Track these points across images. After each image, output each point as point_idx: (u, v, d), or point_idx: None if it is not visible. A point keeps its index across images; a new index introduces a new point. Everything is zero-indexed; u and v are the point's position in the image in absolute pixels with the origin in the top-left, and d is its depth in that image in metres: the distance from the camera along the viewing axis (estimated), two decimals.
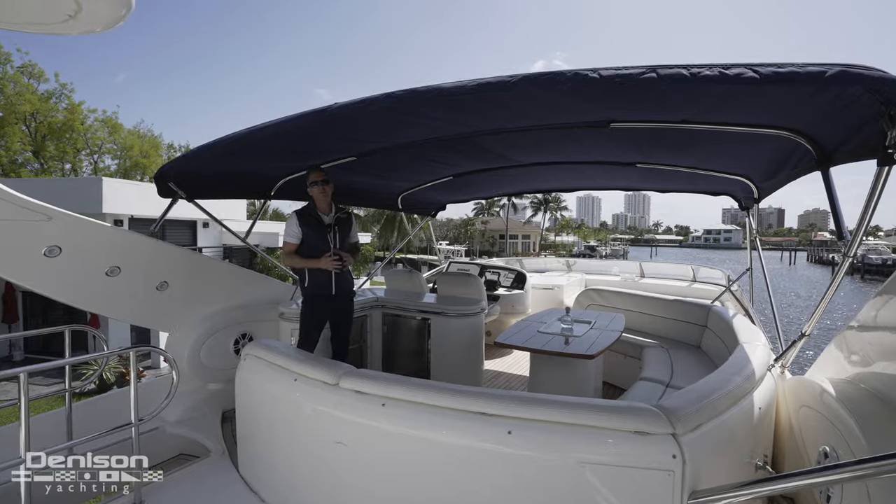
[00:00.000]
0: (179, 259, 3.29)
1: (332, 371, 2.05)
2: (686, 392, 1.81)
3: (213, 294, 3.60)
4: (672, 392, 2.78)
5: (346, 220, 3.43)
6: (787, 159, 2.42)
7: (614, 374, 4.14)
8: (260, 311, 3.87)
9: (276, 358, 2.34)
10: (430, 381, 1.90)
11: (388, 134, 2.75)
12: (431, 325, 3.97)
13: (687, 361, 3.45)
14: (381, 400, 1.84)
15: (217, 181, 3.38)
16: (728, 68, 1.29)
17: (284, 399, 2.22)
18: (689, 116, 2.08)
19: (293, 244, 3.27)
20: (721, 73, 1.28)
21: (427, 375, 4.01)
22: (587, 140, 2.93)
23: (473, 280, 4.40)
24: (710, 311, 3.81)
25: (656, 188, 4.53)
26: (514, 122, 2.43)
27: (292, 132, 2.37)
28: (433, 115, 2.24)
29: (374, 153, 3.27)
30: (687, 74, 1.31)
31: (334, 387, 2.00)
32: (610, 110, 2.10)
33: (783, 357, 2.45)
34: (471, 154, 3.55)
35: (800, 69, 1.24)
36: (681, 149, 2.97)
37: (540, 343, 3.03)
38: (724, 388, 1.84)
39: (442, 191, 5.15)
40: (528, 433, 1.58)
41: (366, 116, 2.16)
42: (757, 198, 3.50)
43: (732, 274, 5.84)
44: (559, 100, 1.88)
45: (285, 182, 3.84)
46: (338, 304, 3.40)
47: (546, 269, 8.24)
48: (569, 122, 2.44)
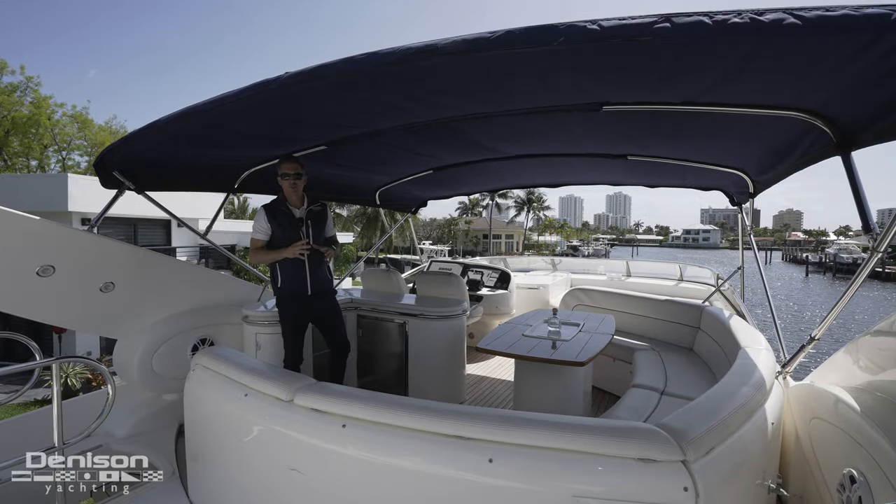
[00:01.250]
0: (127, 257, 2.95)
1: (287, 385, 1.77)
2: (693, 408, 1.58)
3: (167, 295, 3.27)
4: (668, 401, 2.58)
5: (321, 213, 3.17)
6: (795, 147, 2.22)
7: (604, 379, 3.94)
8: (222, 313, 3.55)
9: (227, 369, 2.05)
10: (397, 397, 1.64)
11: (358, 117, 2.48)
12: (409, 328, 3.70)
13: (680, 365, 3.26)
14: (340, 420, 1.57)
15: (169, 170, 3.04)
16: (761, 14, 1.05)
17: (235, 416, 1.94)
18: (694, 95, 1.86)
19: (261, 241, 3.01)
20: (753, 19, 1.05)
21: (405, 382, 3.74)
22: (576, 127, 2.70)
23: (454, 279, 4.15)
24: (703, 312, 3.63)
25: (645, 183, 4.35)
26: (496, 101, 2.18)
27: (236, 113, 2.08)
28: (402, 88, 1.98)
29: (345, 141, 2.99)
30: (709, 22, 1.07)
31: (288, 403, 1.72)
32: (605, 86, 1.87)
33: (790, 363, 2.26)
34: (451, 145, 3.30)
35: (855, 12, 1.01)
36: (675, 138, 2.77)
37: (525, 348, 2.79)
38: (736, 401, 1.62)
39: (422, 186, 4.88)
40: (513, 460, 1.33)
41: (323, 90, 1.89)
42: (752, 192, 3.33)
43: (722, 273, 5.72)
44: (548, 68, 1.64)
45: (251, 174, 3.52)
46: (316, 305, 3.14)
47: (531, 269, 8.04)
48: (557, 103, 2.20)
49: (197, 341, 3.37)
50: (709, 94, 1.84)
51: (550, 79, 1.79)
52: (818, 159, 2.14)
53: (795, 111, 1.81)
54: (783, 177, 2.79)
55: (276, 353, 3.40)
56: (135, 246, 3.03)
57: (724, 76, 1.63)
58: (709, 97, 1.88)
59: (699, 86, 1.78)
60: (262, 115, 2.24)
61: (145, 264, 3.09)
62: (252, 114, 2.18)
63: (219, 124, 2.30)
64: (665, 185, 4.36)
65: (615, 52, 1.42)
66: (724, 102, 1.91)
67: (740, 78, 1.63)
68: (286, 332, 3.14)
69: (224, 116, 2.15)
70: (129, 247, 3.00)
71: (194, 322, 3.36)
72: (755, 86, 1.72)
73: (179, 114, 1.94)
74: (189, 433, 2.28)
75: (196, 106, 1.89)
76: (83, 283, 2.71)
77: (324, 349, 3.54)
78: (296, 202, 3.07)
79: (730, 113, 1.98)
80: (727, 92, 1.81)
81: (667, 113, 2.20)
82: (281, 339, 3.38)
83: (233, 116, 2.19)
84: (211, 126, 2.29)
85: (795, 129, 1.99)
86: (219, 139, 2.58)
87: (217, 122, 2.22)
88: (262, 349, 3.39)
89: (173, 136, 2.32)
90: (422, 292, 4.40)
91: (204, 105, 1.86)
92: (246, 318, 3.42)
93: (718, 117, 2.15)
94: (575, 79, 1.77)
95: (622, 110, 2.18)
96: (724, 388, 1.79)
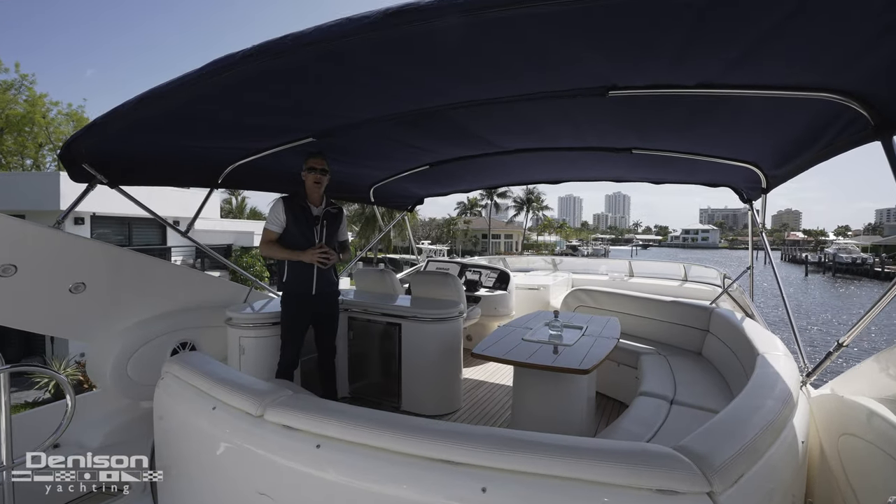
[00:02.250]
0: (100, 256, 2.76)
1: (258, 398, 1.58)
2: (716, 427, 1.40)
3: (145, 297, 3.08)
4: (678, 411, 2.39)
5: (337, 215, 3.13)
6: (820, 134, 2.04)
7: (607, 384, 3.75)
8: (205, 316, 3.36)
9: (196, 378, 1.86)
10: (379, 413, 1.45)
11: (344, 103, 2.29)
12: (402, 331, 3.51)
13: (688, 371, 3.07)
14: (314, 439, 1.39)
15: (144, 163, 2.85)
16: None
17: (203, 431, 1.75)
18: (712, 76, 1.68)
19: (275, 233, 2.94)
20: None
21: (398, 388, 3.56)
22: (579, 115, 2.52)
23: (451, 280, 3.96)
24: (713, 314, 3.44)
25: (650, 179, 4.17)
26: (493, 84, 1.99)
27: (206, 98, 1.89)
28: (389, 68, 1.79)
29: (333, 132, 2.80)
30: None
31: (258, 419, 1.54)
32: (612, 66, 1.68)
33: (814, 371, 2.08)
34: (448, 137, 3.12)
35: None
36: (685, 129, 2.58)
37: (525, 354, 2.60)
38: (763, 417, 1.44)
39: (419, 182, 4.69)
40: (509, 489, 1.15)
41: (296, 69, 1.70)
42: (765, 188, 3.14)
43: (729, 273, 5.53)
44: (550, 40, 1.45)
45: (235, 168, 3.33)
46: (319, 305, 3.07)
47: (530, 269, 7.86)
48: (559, 88, 2.02)
49: (177, 345, 3.19)
50: (728, 74, 1.66)
51: (552, 56, 1.60)
52: (847, 147, 1.95)
53: (827, 92, 1.63)
54: (801, 170, 2.61)
55: (261, 359, 3.22)
56: (109, 244, 2.84)
57: (749, 51, 1.44)
58: (728, 78, 1.70)
59: (718, 64, 1.60)
60: (232, 100, 2.04)
61: (120, 263, 2.90)
62: (222, 98, 1.99)
63: (188, 111, 2.11)
64: (671, 182, 4.18)
65: (626, 14, 1.23)
66: (745, 84, 1.73)
67: (766, 53, 1.45)
68: (286, 334, 3.06)
69: (193, 102, 1.97)
70: (103, 245, 2.81)
71: (174, 325, 3.17)
72: (781, 63, 1.53)
73: (140, 98, 1.75)
74: (159, 446, 2.09)
75: (158, 88, 1.70)
76: (50, 283, 2.52)
77: (310, 354, 3.36)
78: (316, 200, 3.05)
79: (750, 97, 1.80)
80: (749, 71, 1.62)
81: (678, 99, 2.02)
82: (267, 344, 3.21)
83: (202, 102, 2.00)
84: (179, 112, 2.10)
85: (823, 113, 1.81)
86: (190, 128, 2.38)
87: (184, 107, 2.03)
88: (246, 354, 3.20)
89: (139, 123, 2.13)
90: (417, 293, 4.21)
91: (166, 87, 1.67)
92: (229, 320, 3.23)
93: (735, 103, 1.97)
94: (579, 55, 1.58)
95: (630, 95, 2.00)
96: (747, 401, 1.60)
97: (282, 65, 1.61)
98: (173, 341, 3.16)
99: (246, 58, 1.44)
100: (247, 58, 1.44)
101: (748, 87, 1.73)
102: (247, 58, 1.44)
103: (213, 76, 1.57)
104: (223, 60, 1.48)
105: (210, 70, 1.52)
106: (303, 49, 1.41)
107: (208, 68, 1.51)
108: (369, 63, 1.71)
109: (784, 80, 1.66)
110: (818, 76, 1.59)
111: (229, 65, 1.49)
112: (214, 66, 1.51)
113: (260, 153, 3.11)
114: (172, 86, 1.63)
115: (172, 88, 1.65)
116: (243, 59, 1.45)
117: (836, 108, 1.70)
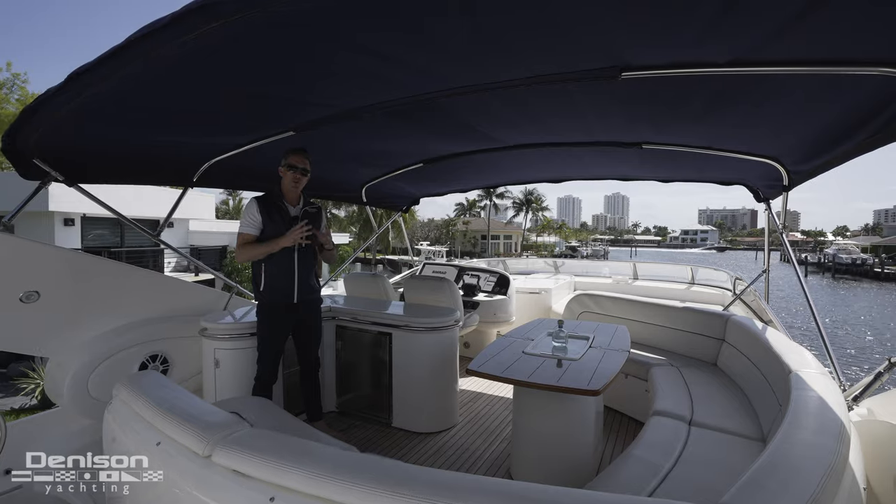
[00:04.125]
0: (56, 261, 2.50)
1: (206, 434, 1.31)
2: (762, 474, 1.13)
3: (110, 306, 2.81)
4: (699, 434, 2.12)
5: (316, 214, 2.87)
6: (868, 120, 1.77)
7: (615, 398, 3.49)
8: (179, 325, 3.09)
9: (142, 405, 1.60)
10: (350, 455, 1.19)
11: (325, 90, 2.03)
12: (393, 341, 3.24)
13: (705, 385, 2.81)
14: (269, 490, 1.12)
15: (103, 159, 2.58)
16: None
17: (146, 470, 1.48)
18: (747, 50, 1.42)
19: (250, 235, 2.68)
20: None
21: (388, 403, 3.29)
22: (586, 105, 2.26)
23: (446, 285, 3.69)
24: (729, 322, 3.18)
25: (659, 177, 3.91)
26: (489, 63, 1.73)
27: (152, 82, 1.62)
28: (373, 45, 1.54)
29: (316, 125, 2.54)
30: None
31: (206, 460, 1.27)
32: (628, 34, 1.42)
33: (862, 395, 1.82)
34: (443, 131, 2.86)
35: None
36: (702, 119, 2.32)
37: (526, 371, 2.33)
38: (820, 458, 1.18)
39: (413, 181, 4.43)
40: None
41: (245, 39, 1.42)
42: (787, 185, 2.89)
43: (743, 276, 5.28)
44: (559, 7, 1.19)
45: (211, 166, 3.07)
46: (301, 315, 2.83)
47: (531, 271, 7.59)
48: (566, 69, 1.76)
49: (146, 358, 2.91)
50: (767, 48, 1.40)
51: (560, 22, 1.34)
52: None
53: (886, 66, 1.37)
54: (833, 165, 2.35)
55: (238, 371, 2.95)
56: (66, 249, 2.58)
57: (795, 18, 1.19)
58: (766, 53, 1.44)
59: (756, 36, 1.34)
60: (181, 83, 1.75)
61: (81, 270, 2.63)
62: (170, 81, 1.70)
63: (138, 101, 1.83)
64: (679, 180, 3.93)
65: None
66: (785, 60, 1.47)
67: (813, 22, 1.19)
68: (263, 345, 2.79)
69: (134, 86, 1.69)
70: (59, 249, 2.55)
71: (143, 336, 2.90)
72: (831, 34, 1.27)
73: (66, 80, 1.45)
74: (106, 479, 1.83)
75: (88, 65, 1.41)
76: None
77: (295, 366, 3.10)
78: (293, 199, 2.79)
79: (790, 75, 1.54)
80: (791, 45, 1.36)
81: (702, 82, 1.76)
82: (245, 356, 2.94)
83: (144, 86, 1.71)
84: (128, 101, 1.82)
85: (876, 93, 1.55)
86: (145, 119, 2.10)
87: (126, 92, 1.74)
88: (221, 368, 2.93)
89: (89, 113, 1.86)
90: (410, 299, 3.95)
91: (95, 65, 1.38)
92: (204, 330, 2.96)
93: (769, 85, 1.71)
94: (590, 17, 1.31)
95: (645, 77, 1.74)
96: (795, 436, 1.34)
97: (225, 37, 1.34)
98: (142, 354, 2.89)
99: (176, 23, 1.16)
100: (177, 23, 1.16)
101: (789, 63, 1.47)
102: (177, 23, 1.16)
103: (139, 49, 1.29)
104: (146, 29, 1.20)
105: (132, 41, 1.23)
106: (251, 11, 1.14)
107: (133, 37, 1.23)
108: (343, 34, 1.45)
109: (833, 54, 1.41)
110: (874, 47, 1.33)
111: (153, 32, 1.20)
112: (138, 36, 1.22)
113: (237, 149, 2.85)
114: (94, 63, 1.36)
115: (94, 65, 1.38)
116: (173, 24, 1.16)
117: (894, 86, 1.44)
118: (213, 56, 1.53)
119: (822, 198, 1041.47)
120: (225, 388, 2.93)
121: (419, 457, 2.87)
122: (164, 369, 3.02)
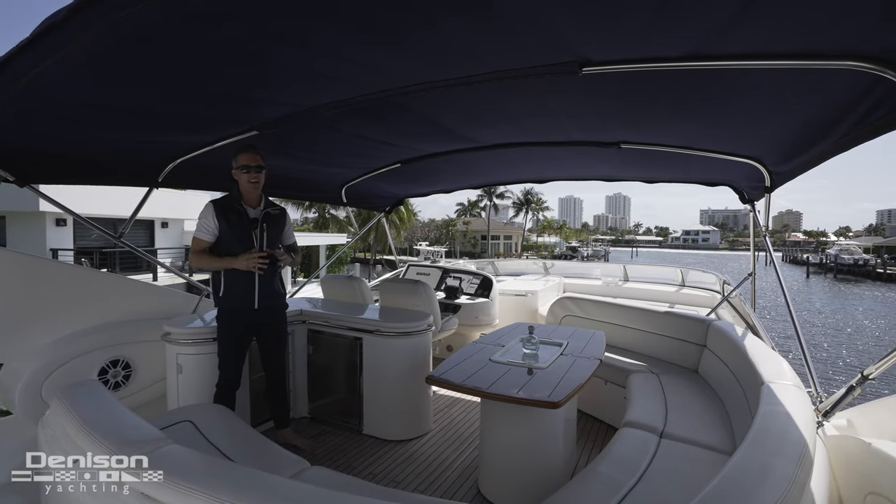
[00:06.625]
0: (10, 266, 2.42)
1: (124, 453, 1.23)
2: (711, 499, 1.04)
3: (68, 310, 2.73)
4: (668, 447, 2.03)
5: (279, 216, 2.73)
6: (842, 118, 1.68)
7: (594, 404, 3.39)
8: (143, 329, 3.00)
9: (67, 419, 1.51)
10: (294, 486, 1.09)
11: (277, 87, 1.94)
12: (364, 346, 3.15)
13: (682, 393, 2.71)
14: None
15: (56, 157, 2.49)
16: None
17: (66, 491, 1.40)
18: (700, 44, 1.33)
19: (206, 241, 2.56)
20: None
21: (359, 409, 3.20)
22: (553, 101, 2.17)
23: (421, 288, 3.60)
24: (710, 328, 3.08)
25: (643, 177, 3.82)
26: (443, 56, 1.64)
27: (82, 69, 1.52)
28: (314, 41, 1.45)
29: (278, 123, 2.45)
30: None
31: (118, 487, 1.18)
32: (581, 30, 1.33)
33: (832, 411, 1.72)
34: (415, 130, 2.78)
35: None
36: (676, 116, 2.23)
37: (489, 379, 2.23)
38: (776, 483, 1.08)
39: (393, 181, 4.34)
40: None
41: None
42: (769, 186, 2.79)
43: (729, 279, 5.17)
44: None
45: (177, 166, 2.98)
46: (262, 320, 2.70)
47: (522, 273, 7.50)
48: (524, 65, 1.67)
49: (106, 364, 2.83)
50: (721, 40, 1.31)
51: (506, 17, 1.25)
52: (879, 132, 1.60)
53: (854, 60, 1.27)
54: (812, 165, 2.26)
55: (202, 378, 2.85)
56: (17, 252, 2.49)
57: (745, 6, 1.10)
58: (721, 46, 1.35)
59: (707, 28, 1.24)
60: (115, 73, 1.65)
61: (34, 273, 2.56)
62: (105, 72, 1.60)
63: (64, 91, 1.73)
64: (664, 180, 3.83)
65: None
66: (743, 54, 1.38)
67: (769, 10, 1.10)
68: (223, 349, 2.67)
69: (75, 81, 1.60)
70: (14, 254, 2.47)
71: (103, 340, 2.82)
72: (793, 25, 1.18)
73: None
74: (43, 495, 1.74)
75: (9, 53, 1.31)
76: None
77: (261, 373, 3.01)
78: (252, 201, 2.65)
79: (751, 70, 1.45)
80: (749, 36, 1.27)
81: (663, 77, 1.67)
82: (210, 361, 2.84)
83: (86, 80, 1.63)
84: (62, 93, 1.73)
85: (849, 89, 1.46)
86: (86, 115, 2.00)
87: (61, 86, 1.65)
88: (184, 373, 2.84)
89: (19, 108, 1.77)
90: (385, 303, 3.85)
91: (15, 53, 1.28)
92: (166, 335, 2.87)
93: (731, 80, 1.62)
94: (535, 13, 1.23)
95: (608, 73, 1.65)
96: (753, 456, 1.24)
97: (158, 28, 1.25)
98: (101, 360, 2.80)
99: (82, 7, 1.06)
100: (84, 7, 1.06)
101: (747, 57, 1.37)
102: (84, 7, 1.06)
103: (65, 33, 1.19)
104: (49, 20, 1.09)
105: (38, 34, 1.12)
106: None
107: (38, 30, 1.12)
108: (289, 33, 1.36)
109: (796, 47, 1.31)
110: (842, 40, 1.23)
111: (74, 14, 1.10)
112: (59, 18, 1.11)
113: (201, 148, 2.77)
114: (14, 51, 1.26)
115: (21, 55, 1.28)
116: (77, 11, 1.06)
117: (867, 81, 1.34)
118: (150, 48, 1.43)
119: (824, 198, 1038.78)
120: (188, 394, 2.84)
121: (387, 465, 2.78)
122: (126, 374, 2.93)
